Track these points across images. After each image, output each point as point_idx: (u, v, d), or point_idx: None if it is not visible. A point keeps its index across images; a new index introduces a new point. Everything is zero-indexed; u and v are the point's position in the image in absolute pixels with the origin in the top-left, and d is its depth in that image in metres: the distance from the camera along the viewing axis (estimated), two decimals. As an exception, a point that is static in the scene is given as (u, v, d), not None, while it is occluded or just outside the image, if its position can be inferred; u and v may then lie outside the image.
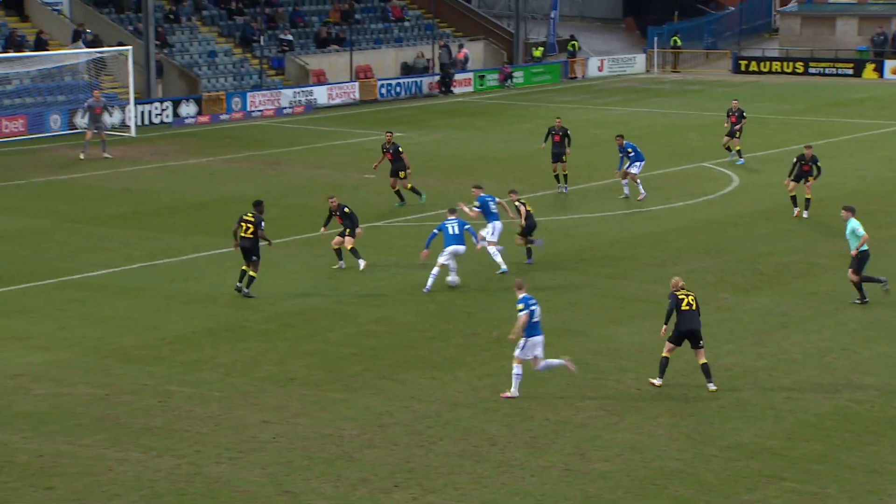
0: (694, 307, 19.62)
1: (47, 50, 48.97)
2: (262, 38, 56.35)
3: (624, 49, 72.34)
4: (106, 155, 40.76)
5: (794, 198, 32.18)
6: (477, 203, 27.18)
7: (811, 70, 66.44)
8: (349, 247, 26.44)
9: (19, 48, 48.76)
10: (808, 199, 32.13)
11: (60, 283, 25.90)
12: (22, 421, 18.21)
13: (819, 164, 32.06)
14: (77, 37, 50.15)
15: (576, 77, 65.88)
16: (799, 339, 22.28)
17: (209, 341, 22.03)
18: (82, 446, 17.31)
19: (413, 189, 33.66)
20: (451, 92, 59.62)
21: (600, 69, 67.28)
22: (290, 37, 58.20)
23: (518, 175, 38.30)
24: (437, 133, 47.23)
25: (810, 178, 31.91)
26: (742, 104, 40.94)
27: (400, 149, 33.54)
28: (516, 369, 19.32)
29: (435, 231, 25.34)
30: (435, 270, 25.14)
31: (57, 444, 17.39)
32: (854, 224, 24.41)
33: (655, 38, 68.86)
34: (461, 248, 25.15)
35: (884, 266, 27.12)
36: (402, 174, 33.37)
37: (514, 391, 19.28)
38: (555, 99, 57.94)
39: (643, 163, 34.22)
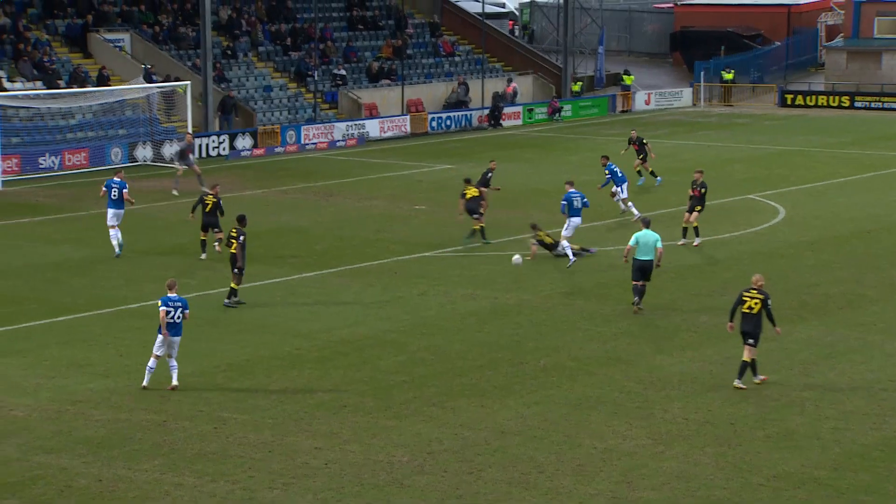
0: (755, 311, 20.84)
1: (109, 85, 50.04)
2: (316, 72, 57.19)
3: (671, 83, 72.55)
4: (204, 188, 40.97)
5: (685, 229, 32.52)
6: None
7: (857, 104, 66.32)
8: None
9: (82, 84, 49.87)
10: (696, 227, 32.43)
11: (120, 311, 26.50)
12: (82, 446, 18.70)
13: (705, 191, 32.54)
14: (149, 79, 51.26)
15: (624, 111, 66.18)
16: (845, 370, 22.38)
17: (262, 369, 22.48)
18: (140, 471, 17.74)
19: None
20: (501, 125, 60.09)
21: (647, 103, 67.54)
22: (343, 71, 59.01)
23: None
24: (486, 165, 47.58)
25: (698, 208, 32.30)
26: (788, 137, 41.28)
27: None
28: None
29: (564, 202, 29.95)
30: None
31: (116, 468, 17.84)
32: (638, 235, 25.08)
33: (702, 73, 69.06)
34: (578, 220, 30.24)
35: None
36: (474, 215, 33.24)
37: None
38: (602, 132, 58.23)
39: (626, 184, 36.41)
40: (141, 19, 56.27)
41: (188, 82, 49.28)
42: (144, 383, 21.25)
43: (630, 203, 36.12)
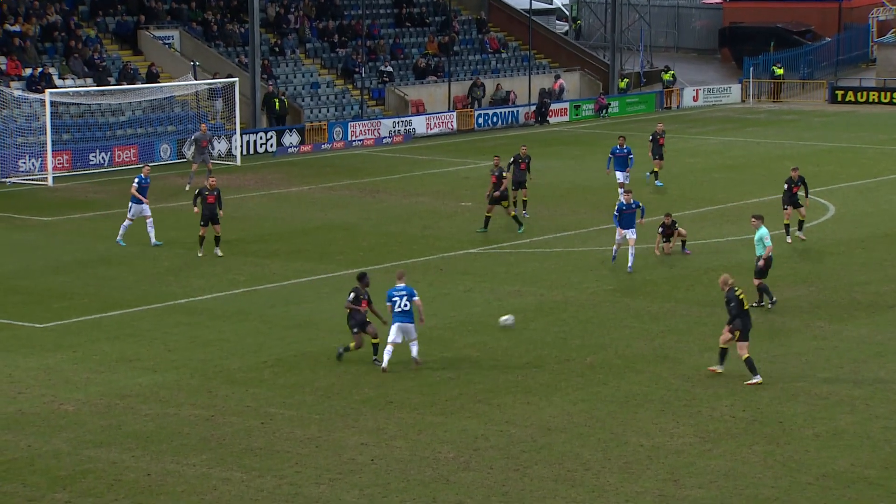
0: (746, 305, 21.58)
1: (158, 82, 50.44)
2: (363, 69, 57.34)
3: (719, 79, 72.07)
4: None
5: (787, 226, 32.16)
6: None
7: (908, 100, 65.61)
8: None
9: (132, 80, 50.32)
10: (801, 221, 32.23)
11: (168, 306, 26.71)
12: (131, 440, 18.85)
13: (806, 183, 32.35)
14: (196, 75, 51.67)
15: (670, 107, 65.85)
16: (895, 369, 22.18)
17: (308, 364, 22.58)
18: (188, 465, 17.87)
19: (515, 217, 33.83)
20: (548, 122, 59.96)
21: (695, 99, 67.12)
22: (390, 68, 59.11)
23: (613, 203, 38.42)
24: (533, 162, 47.51)
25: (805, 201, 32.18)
26: (838, 133, 41.00)
27: (504, 174, 33.86)
28: None
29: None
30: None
31: (164, 462, 17.98)
32: (763, 232, 24.68)
33: (751, 69, 68.57)
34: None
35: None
36: (504, 203, 33.63)
37: None
38: (649, 129, 57.84)
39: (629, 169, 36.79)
40: (190, 16, 56.66)
41: (236, 79, 49.55)
42: (383, 365, 21.86)
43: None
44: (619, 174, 36.88)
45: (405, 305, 21.79)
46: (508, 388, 21.16)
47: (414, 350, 22.11)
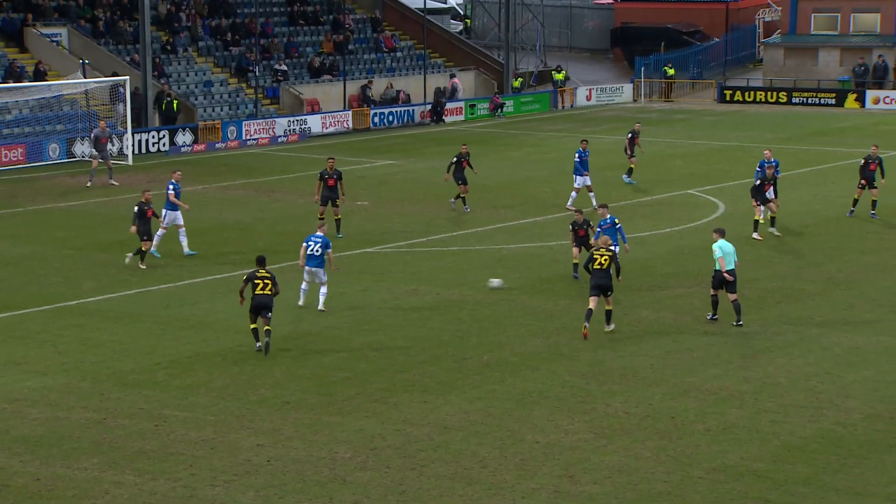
0: (605, 266, 23.80)
1: (46, 80, 49.42)
2: (257, 68, 56.88)
3: (612, 79, 73.03)
4: (112, 182, 41.27)
5: (855, 201, 34.45)
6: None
7: (794, 100, 67.20)
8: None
9: (19, 79, 49.22)
10: (874, 201, 34.12)
11: (58, 308, 26.21)
12: (19, 445, 18.46)
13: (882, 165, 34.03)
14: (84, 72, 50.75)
15: (564, 107, 66.52)
16: (784, 364, 22.65)
17: (203, 366, 22.33)
18: (79, 469, 17.56)
19: (338, 222, 33.12)
20: (443, 121, 60.14)
21: (588, 98, 67.93)
22: (284, 67, 58.73)
23: (508, 202, 38.75)
24: (428, 161, 47.69)
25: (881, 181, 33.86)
26: (727, 132, 41.87)
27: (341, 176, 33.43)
28: None
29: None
30: None
31: (54, 467, 17.64)
32: (718, 244, 24.77)
33: (642, 69, 69.58)
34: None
35: (864, 289, 27.61)
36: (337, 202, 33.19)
37: None
38: (544, 128, 58.46)
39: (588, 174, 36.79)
40: (78, 14, 55.64)
41: (126, 77, 48.79)
42: (300, 303, 25.31)
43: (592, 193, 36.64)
44: (577, 179, 36.67)
45: (317, 251, 24.89)
46: (405, 387, 21.18)
47: (322, 295, 25.28)
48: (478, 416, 19.76)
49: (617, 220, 27.49)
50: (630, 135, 42.30)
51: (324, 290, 25.45)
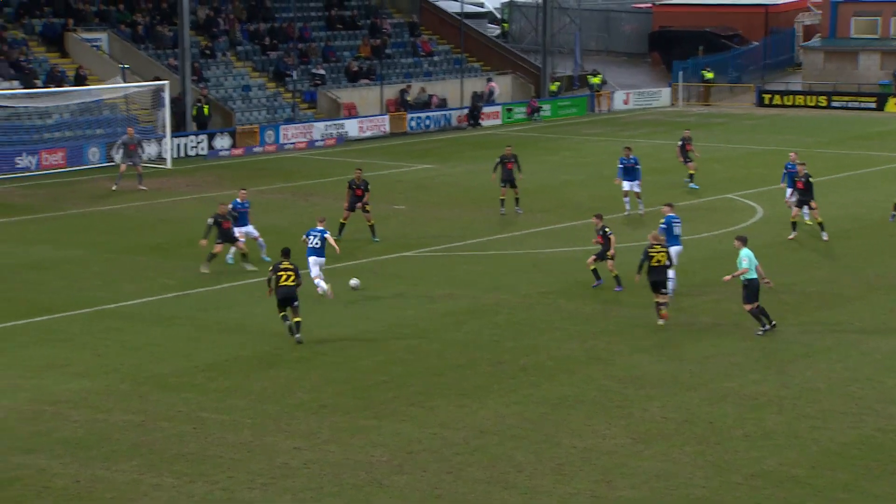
0: (662, 263, 24.86)
1: (86, 85, 49.86)
2: (294, 72, 57.10)
3: (649, 83, 72.78)
4: (141, 187, 41.57)
5: (794, 223, 33.47)
6: (662, 221, 27.62)
7: (834, 104, 66.71)
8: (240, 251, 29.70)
9: (60, 83, 49.68)
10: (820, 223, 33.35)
11: (98, 311, 26.40)
12: (60, 446, 18.61)
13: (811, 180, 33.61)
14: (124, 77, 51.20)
15: (602, 110, 66.38)
16: (823, 369, 22.48)
17: (240, 369, 22.44)
18: (118, 471, 17.68)
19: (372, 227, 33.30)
20: (480, 125, 60.14)
21: (626, 102, 67.74)
22: (322, 71, 58.94)
23: (545, 206, 38.69)
24: (466, 165, 47.72)
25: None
26: (766, 136, 41.64)
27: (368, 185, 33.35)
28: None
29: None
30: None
31: (94, 469, 17.77)
32: (742, 254, 24.46)
33: (681, 72, 69.32)
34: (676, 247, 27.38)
35: (909, 297, 27.37)
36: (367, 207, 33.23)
37: None
38: (581, 131, 58.34)
39: (640, 181, 36.58)
40: (119, 19, 56.08)
41: (166, 82, 49.15)
42: (319, 291, 26.47)
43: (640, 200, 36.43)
44: (625, 183, 36.90)
45: (317, 243, 26.91)
46: (441, 391, 21.18)
47: (321, 283, 26.73)
48: (514, 421, 19.74)
49: (673, 223, 27.51)
50: (681, 142, 42.21)
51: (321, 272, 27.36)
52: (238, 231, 30.15)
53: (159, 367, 22.47)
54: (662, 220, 27.81)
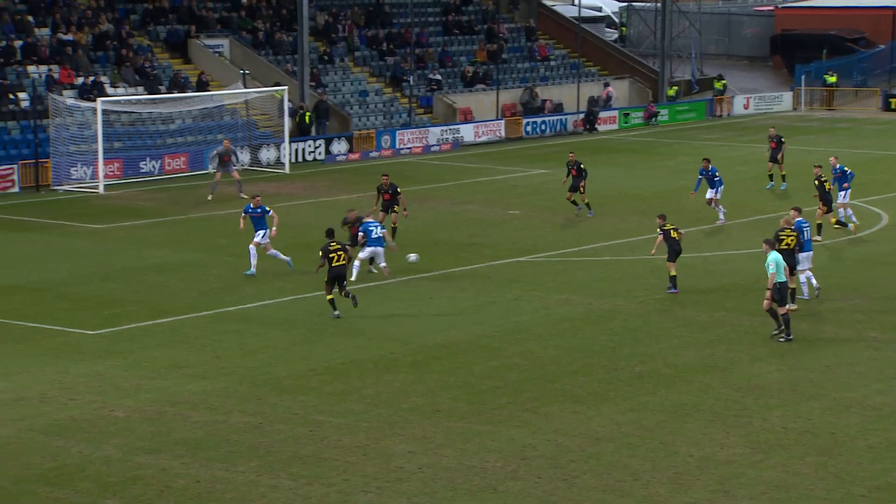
0: (791, 246, 25.22)
1: (208, 91, 50.81)
2: (411, 77, 57.46)
3: (771, 87, 71.57)
4: (242, 195, 40.88)
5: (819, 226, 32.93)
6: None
7: (962, 108, 64.82)
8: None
9: (182, 89, 50.72)
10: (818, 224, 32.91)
11: (218, 314, 26.85)
12: (180, 447, 18.94)
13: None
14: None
15: (721, 115, 65.47)
16: (951, 380, 21.84)
17: (356, 372, 22.60)
18: (237, 472, 17.92)
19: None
20: (596, 130, 59.79)
21: (746, 107, 66.69)
22: (438, 76, 59.20)
23: (662, 212, 38.18)
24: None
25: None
26: (891, 142, 40.60)
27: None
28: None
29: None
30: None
31: (213, 469, 18.04)
32: (770, 258, 23.74)
33: (803, 76, 68.00)
34: None
35: None
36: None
37: None
38: (700, 136, 57.63)
39: (722, 188, 36.11)
40: (240, 25, 57.06)
41: (285, 87, 49.83)
42: (352, 278, 28.22)
43: (721, 206, 35.92)
44: (708, 191, 36.56)
45: (377, 234, 28.91)
46: (556, 398, 21.07)
47: (382, 263, 29.14)
48: (630, 428, 19.54)
49: (803, 227, 26.64)
50: (775, 141, 41.66)
51: (382, 262, 29.28)
52: (257, 236, 30.32)
53: (276, 370, 22.75)
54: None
